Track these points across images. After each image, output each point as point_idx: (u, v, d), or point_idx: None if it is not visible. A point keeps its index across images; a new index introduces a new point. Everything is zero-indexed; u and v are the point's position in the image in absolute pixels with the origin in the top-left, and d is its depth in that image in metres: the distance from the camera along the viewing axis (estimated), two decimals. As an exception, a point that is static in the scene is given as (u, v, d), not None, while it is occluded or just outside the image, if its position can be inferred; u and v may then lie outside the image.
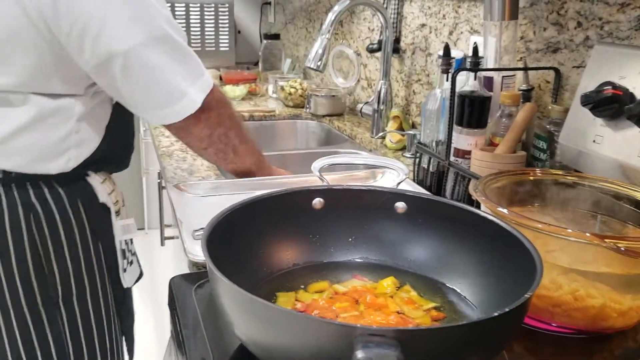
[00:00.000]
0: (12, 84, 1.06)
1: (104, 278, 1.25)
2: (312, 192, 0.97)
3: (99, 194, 1.21)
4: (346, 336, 0.59)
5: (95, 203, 1.21)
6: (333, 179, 1.42)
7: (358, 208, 0.98)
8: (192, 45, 2.95)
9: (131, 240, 1.32)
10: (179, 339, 0.86)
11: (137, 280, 1.41)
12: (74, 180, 1.18)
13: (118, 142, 1.28)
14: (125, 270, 1.29)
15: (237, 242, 0.88)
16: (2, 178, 1.11)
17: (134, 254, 1.35)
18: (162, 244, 1.81)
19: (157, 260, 2.65)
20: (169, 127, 1.19)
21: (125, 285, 1.30)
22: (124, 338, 1.36)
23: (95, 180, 1.21)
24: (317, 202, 0.97)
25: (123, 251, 1.28)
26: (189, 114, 1.15)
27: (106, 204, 1.23)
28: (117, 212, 1.26)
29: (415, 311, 0.84)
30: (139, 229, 1.55)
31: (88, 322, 1.23)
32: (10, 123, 1.08)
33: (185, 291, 0.94)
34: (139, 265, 1.37)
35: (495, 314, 0.64)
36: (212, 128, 1.21)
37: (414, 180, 1.51)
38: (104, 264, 1.25)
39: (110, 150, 1.24)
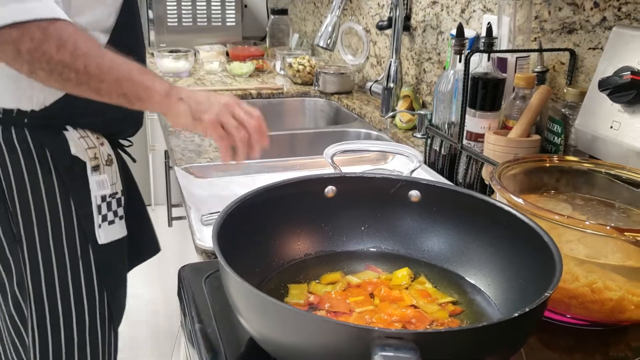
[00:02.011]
0: None
1: (72, 226, 1.26)
2: (324, 180, 0.95)
3: (72, 147, 1.23)
4: (363, 339, 0.58)
5: (66, 154, 1.23)
6: (342, 161, 1.41)
7: (371, 196, 0.96)
8: (198, 19, 2.92)
9: (118, 202, 1.31)
10: (189, 330, 0.85)
11: (151, 255, 1.50)
12: (46, 130, 1.21)
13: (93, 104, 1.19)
14: (100, 226, 1.28)
15: (248, 232, 0.87)
16: None
17: (121, 217, 1.33)
18: (170, 224, 1.80)
19: (163, 236, 2.65)
20: None
21: (100, 241, 1.28)
22: (106, 296, 1.34)
23: (72, 134, 1.23)
24: (330, 190, 0.95)
25: (99, 207, 1.28)
26: None
27: (79, 158, 1.24)
28: (95, 168, 1.26)
29: (431, 305, 0.82)
30: (145, 205, 1.54)
31: (49, 265, 1.25)
32: None
33: (195, 281, 0.93)
34: (126, 229, 1.35)
35: (516, 314, 0.62)
36: (6, 45, 1.03)
37: (425, 162, 1.49)
38: (75, 213, 1.25)
39: (81, 107, 1.21)
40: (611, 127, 1.08)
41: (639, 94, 1.02)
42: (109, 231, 1.30)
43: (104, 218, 1.29)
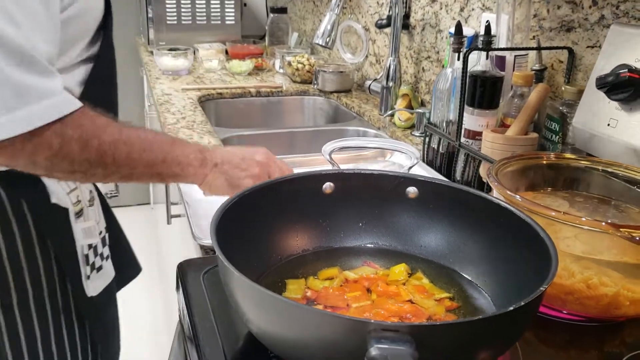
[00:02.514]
0: None
1: (54, 285, 1.10)
2: (322, 177, 0.95)
3: (52, 194, 1.06)
4: (359, 331, 0.58)
5: (45, 204, 1.06)
6: (342, 158, 1.41)
7: (369, 192, 0.97)
8: (197, 18, 2.92)
9: (103, 241, 1.17)
10: (187, 325, 0.86)
11: (135, 275, 1.36)
12: (20, 180, 1.01)
13: None
14: (89, 277, 1.13)
15: (246, 228, 0.87)
16: None
17: (107, 257, 1.19)
18: (169, 222, 1.80)
19: (163, 234, 2.66)
20: None
21: (89, 293, 1.13)
22: (89, 347, 1.19)
23: (50, 179, 1.05)
24: (328, 186, 0.95)
25: (86, 256, 1.12)
26: None
27: (60, 205, 1.07)
28: (78, 214, 1.10)
29: (427, 300, 0.83)
30: (144, 204, 1.53)
31: (31, 330, 1.10)
32: None
33: (193, 277, 0.93)
34: (113, 269, 1.22)
35: (511, 308, 0.63)
36: (20, 157, 0.90)
37: (423, 160, 1.49)
38: (56, 269, 1.10)
39: None
40: (609, 124, 1.09)
41: (637, 92, 1.03)
42: (98, 279, 1.16)
43: (92, 267, 1.14)
